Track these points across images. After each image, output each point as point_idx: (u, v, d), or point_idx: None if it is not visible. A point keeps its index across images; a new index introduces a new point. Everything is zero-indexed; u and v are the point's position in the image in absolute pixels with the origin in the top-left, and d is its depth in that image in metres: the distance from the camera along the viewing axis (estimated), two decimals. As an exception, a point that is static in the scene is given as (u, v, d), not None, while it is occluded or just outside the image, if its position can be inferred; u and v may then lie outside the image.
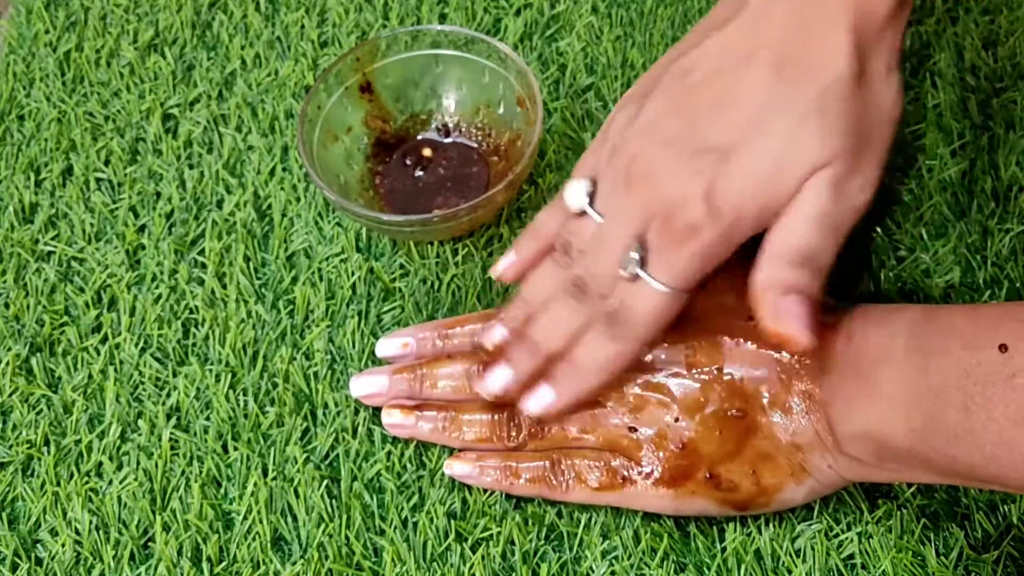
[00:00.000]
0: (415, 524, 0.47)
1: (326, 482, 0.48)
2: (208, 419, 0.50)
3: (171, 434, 0.49)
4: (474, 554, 0.46)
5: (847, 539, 0.45)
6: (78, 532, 0.47)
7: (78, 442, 0.50)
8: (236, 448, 0.49)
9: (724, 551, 0.45)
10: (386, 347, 0.51)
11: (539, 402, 0.45)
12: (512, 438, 0.47)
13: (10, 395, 0.51)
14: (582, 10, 0.64)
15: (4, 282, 0.55)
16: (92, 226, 0.57)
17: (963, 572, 0.44)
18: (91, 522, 0.47)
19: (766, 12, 0.41)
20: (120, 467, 0.49)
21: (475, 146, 0.58)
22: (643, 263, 0.42)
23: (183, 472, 0.49)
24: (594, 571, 0.45)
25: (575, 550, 0.46)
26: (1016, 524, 0.45)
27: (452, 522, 0.46)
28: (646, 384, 0.45)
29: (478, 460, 0.47)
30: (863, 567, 0.45)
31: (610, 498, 0.45)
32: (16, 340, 0.53)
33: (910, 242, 0.53)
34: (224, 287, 0.54)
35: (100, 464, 0.49)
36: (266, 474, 0.48)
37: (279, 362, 0.51)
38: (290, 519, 0.47)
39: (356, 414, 0.50)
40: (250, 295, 0.54)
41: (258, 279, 0.55)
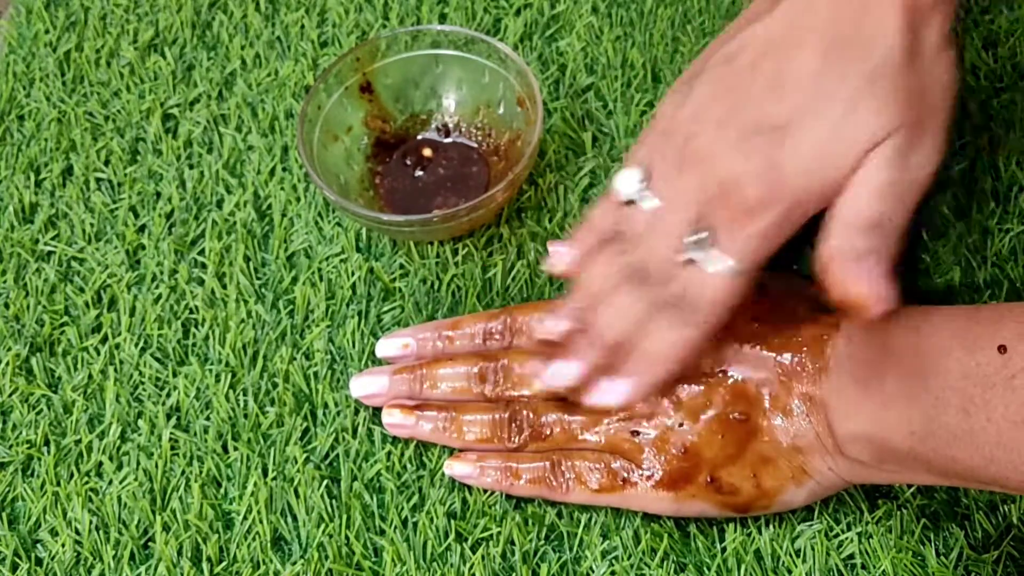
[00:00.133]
0: (415, 524, 0.47)
1: (326, 482, 0.48)
2: (208, 419, 0.50)
3: (171, 434, 0.49)
4: (474, 554, 0.46)
5: (847, 539, 0.45)
6: (78, 532, 0.47)
7: (78, 442, 0.50)
8: (236, 448, 0.49)
9: (724, 551, 0.45)
10: (386, 347, 0.51)
11: (614, 395, 0.44)
12: (513, 439, 0.47)
13: (10, 395, 0.51)
14: (582, 10, 0.64)
15: (4, 282, 0.55)
16: (92, 226, 0.57)
17: (963, 572, 0.44)
18: (91, 522, 0.47)
19: (810, 1, 0.41)
20: (120, 467, 0.49)
21: (475, 146, 0.58)
22: (705, 245, 0.41)
23: (183, 472, 0.49)
24: (594, 571, 0.45)
25: (575, 550, 0.46)
26: (1016, 524, 0.45)
27: (452, 522, 0.46)
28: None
29: (478, 460, 0.47)
30: (863, 567, 0.45)
31: (610, 499, 0.45)
32: (16, 340, 0.53)
33: (910, 242, 0.53)
34: (224, 287, 0.54)
35: (100, 464, 0.49)
36: (266, 474, 0.48)
37: (279, 362, 0.51)
38: (290, 519, 0.47)
39: (356, 414, 0.50)
40: (250, 295, 0.54)
41: (258, 279, 0.55)
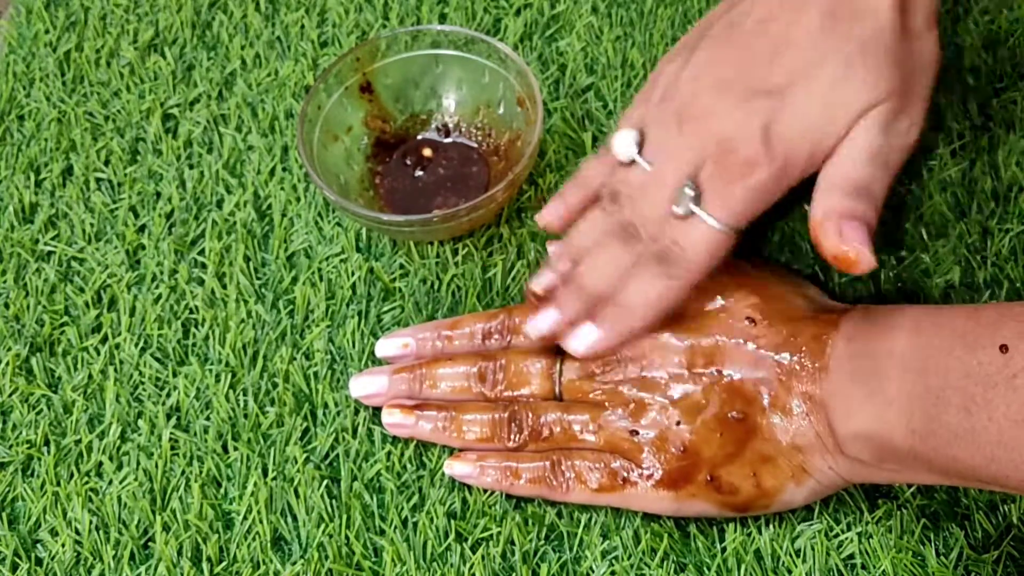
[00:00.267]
0: (415, 524, 0.47)
1: (326, 482, 0.48)
2: (208, 419, 0.50)
3: (171, 434, 0.49)
4: (474, 554, 0.46)
5: (847, 539, 0.45)
6: (78, 532, 0.47)
7: (78, 442, 0.50)
8: (236, 448, 0.49)
9: (724, 551, 0.45)
10: (386, 347, 0.51)
11: (583, 340, 0.46)
12: (512, 438, 0.47)
13: (10, 395, 0.51)
14: (582, 10, 0.64)
15: (4, 282, 0.55)
16: (92, 226, 0.57)
17: (963, 572, 0.44)
18: (91, 522, 0.47)
19: None
20: (120, 467, 0.49)
21: (475, 146, 0.58)
22: (697, 201, 0.43)
23: (183, 472, 0.49)
24: (594, 571, 0.45)
25: (575, 550, 0.46)
26: (1016, 524, 0.45)
27: (452, 522, 0.46)
28: (647, 387, 0.45)
29: (478, 460, 0.47)
30: (863, 567, 0.45)
31: (610, 499, 0.45)
32: (16, 340, 0.53)
33: (910, 242, 0.53)
34: (224, 287, 0.54)
35: (100, 464, 0.49)
36: (266, 474, 0.48)
37: (279, 362, 0.51)
38: (290, 519, 0.47)
39: (356, 414, 0.50)
40: (250, 295, 0.54)
41: (258, 279, 0.55)
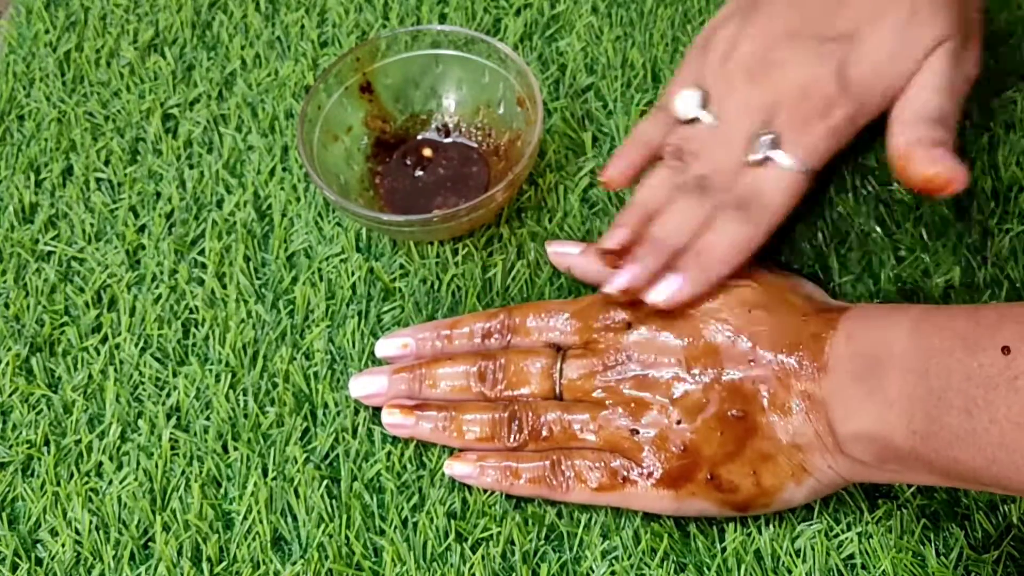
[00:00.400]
0: (415, 524, 0.47)
1: (326, 482, 0.48)
2: (208, 419, 0.50)
3: (171, 434, 0.49)
4: (474, 554, 0.46)
5: (847, 539, 0.45)
6: (78, 532, 0.47)
7: (78, 442, 0.50)
8: (236, 448, 0.49)
9: (724, 551, 0.45)
10: (385, 348, 0.51)
11: (666, 291, 0.45)
12: (512, 438, 0.47)
13: (10, 395, 0.51)
14: (582, 10, 0.64)
15: (4, 282, 0.55)
16: (92, 226, 0.57)
17: (963, 572, 0.44)
18: (91, 522, 0.47)
19: None
20: (120, 467, 0.49)
21: (475, 146, 0.58)
22: (775, 145, 0.44)
23: (183, 472, 0.49)
24: (594, 571, 0.45)
25: (575, 550, 0.46)
26: (1016, 524, 0.45)
27: (452, 522, 0.46)
28: (647, 386, 0.45)
29: (478, 460, 0.47)
30: (863, 567, 0.45)
31: (610, 499, 0.45)
32: (16, 340, 0.53)
33: (910, 242, 0.53)
34: (224, 287, 0.54)
35: (100, 464, 0.49)
36: (266, 474, 0.48)
37: (279, 362, 0.51)
38: (290, 519, 0.47)
39: (356, 414, 0.50)
40: (250, 295, 0.54)
41: (258, 279, 0.55)
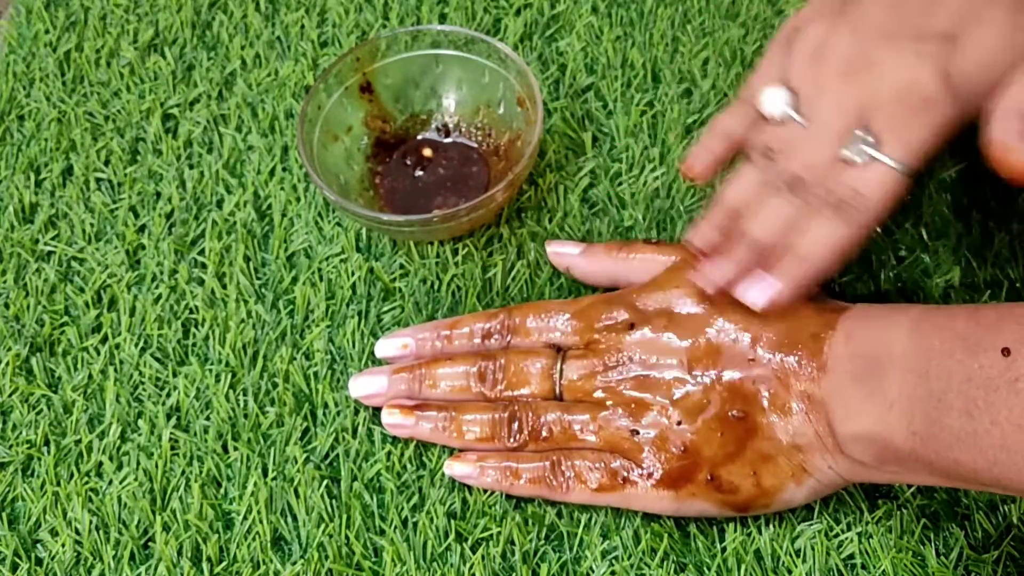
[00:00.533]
0: (415, 524, 0.47)
1: (326, 482, 0.48)
2: (208, 419, 0.50)
3: (171, 434, 0.49)
4: (474, 554, 0.46)
5: (847, 539, 0.45)
6: (78, 532, 0.47)
7: (78, 442, 0.50)
8: (236, 448, 0.49)
9: (724, 551, 0.45)
10: (385, 348, 0.51)
11: (764, 293, 0.45)
12: (512, 438, 0.47)
13: (10, 395, 0.51)
14: (582, 10, 0.64)
15: (4, 282, 0.55)
16: (92, 226, 0.57)
17: (963, 572, 0.44)
18: (91, 522, 0.47)
19: None
20: (120, 467, 0.49)
21: (475, 146, 0.58)
22: (872, 145, 0.43)
23: (183, 472, 0.49)
24: (594, 571, 0.45)
25: (575, 550, 0.46)
26: (1016, 524, 0.45)
27: (452, 522, 0.46)
28: (647, 387, 0.45)
29: (478, 460, 0.47)
30: (863, 567, 0.45)
31: (610, 499, 0.45)
32: (16, 340, 0.53)
33: (910, 242, 0.53)
34: (224, 287, 0.54)
35: (100, 464, 0.49)
36: (266, 474, 0.48)
37: (279, 362, 0.51)
38: (290, 519, 0.47)
39: (356, 414, 0.50)
40: (250, 295, 0.54)
41: (258, 279, 0.55)
